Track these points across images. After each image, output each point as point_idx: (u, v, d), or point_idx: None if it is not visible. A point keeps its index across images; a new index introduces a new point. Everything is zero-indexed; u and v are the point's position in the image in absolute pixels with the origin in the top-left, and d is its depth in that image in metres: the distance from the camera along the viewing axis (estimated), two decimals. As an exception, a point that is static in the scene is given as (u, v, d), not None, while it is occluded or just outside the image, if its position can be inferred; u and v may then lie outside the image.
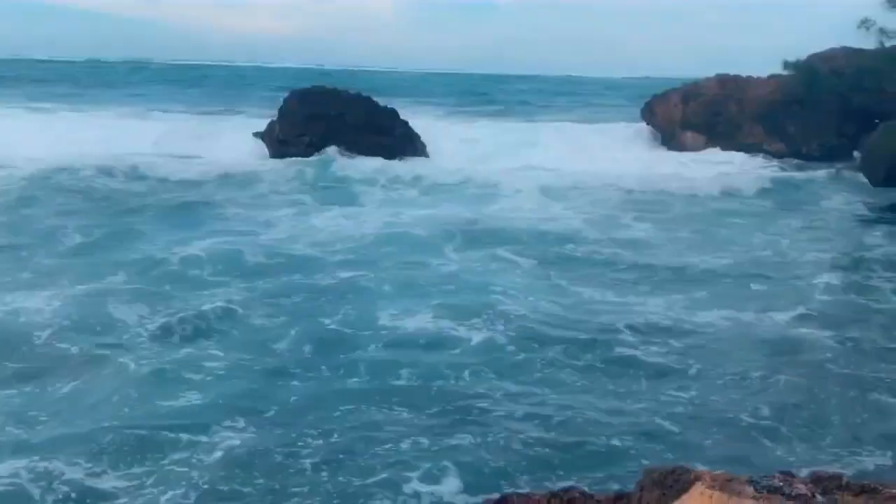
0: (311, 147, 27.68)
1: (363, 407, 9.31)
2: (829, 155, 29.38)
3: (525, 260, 15.88)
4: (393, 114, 29.71)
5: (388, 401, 9.49)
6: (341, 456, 8.19)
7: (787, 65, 31.33)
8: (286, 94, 29.87)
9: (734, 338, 11.98)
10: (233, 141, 29.18)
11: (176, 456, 8.06)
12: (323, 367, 10.41)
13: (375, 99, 30.02)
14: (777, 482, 4.94)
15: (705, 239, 18.22)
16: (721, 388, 10.27)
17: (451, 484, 7.73)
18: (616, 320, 12.33)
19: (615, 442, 8.66)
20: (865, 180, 23.92)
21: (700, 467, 5.08)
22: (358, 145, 27.70)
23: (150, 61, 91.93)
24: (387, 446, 8.40)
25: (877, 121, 26.72)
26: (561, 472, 7.92)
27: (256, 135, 29.36)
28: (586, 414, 9.26)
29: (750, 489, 4.87)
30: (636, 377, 10.49)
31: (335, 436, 8.58)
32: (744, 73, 32.54)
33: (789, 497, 4.78)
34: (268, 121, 29.60)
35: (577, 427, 8.94)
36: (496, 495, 4.97)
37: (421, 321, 12.06)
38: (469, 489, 7.57)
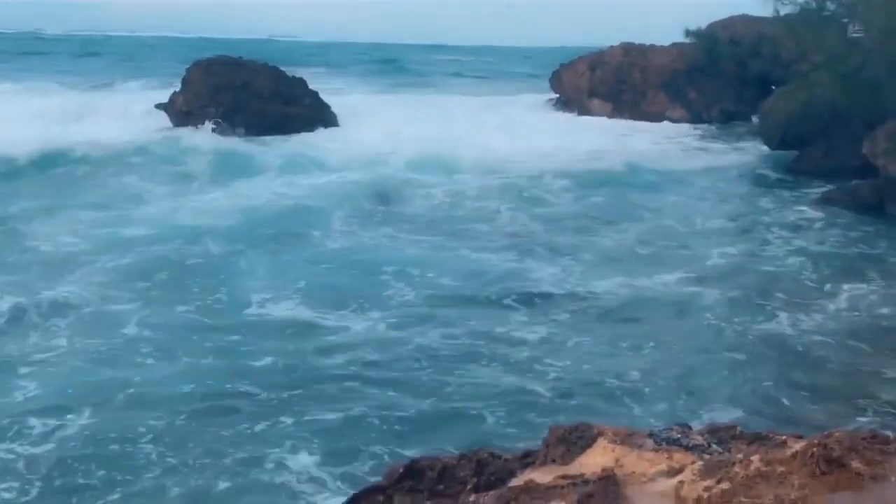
0: (216, 118, 26.95)
1: (216, 388, 9.12)
2: (729, 120, 30.43)
3: (423, 237, 15.78)
4: (301, 83, 29.18)
5: (246, 381, 9.33)
6: (188, 440, 8.05)
7: (688, 33, 32.15)
8: (190, 65, 28.94)
9: (623, 302, 12.33)
10: (132, 112, 28.12)
11: (7, 446, 7.80)
12: (178, 351, 10.14)
13: (283, 69, 29.40)
14: (675, 434, 5.12)
15: (612, 208, 18.59)
16: (598, 353, 10.57)
17: (308, 459, 7.71)
18: (508, 291, 12.47)
19: (486, 412, 8.83)
20: (763, 145, 24.80)
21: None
22: (264, 116, 27.13)
23: (43, 32, 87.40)
24: (244, 426, 8.28)
25: (773, 87, 27.71)
26: (431, 441, 8.05)
27: (159, 106, 28.39)
28: (463, 386, 9.35)
29: (650, 442, 5.03)
30: (520, 347, 10.63)
31: (181, 418, 8.42)
32: (648, 42, 33.19)
33: (686, 447, 4.95)
34: (171, 91, 28.66)
35: (448, 397, 9.04)
36: (405, 461, 4.98)
37: (290, 304, 11.76)
38: (329, 462, 7.57)
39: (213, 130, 26.39)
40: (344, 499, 5.03)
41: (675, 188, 20.77)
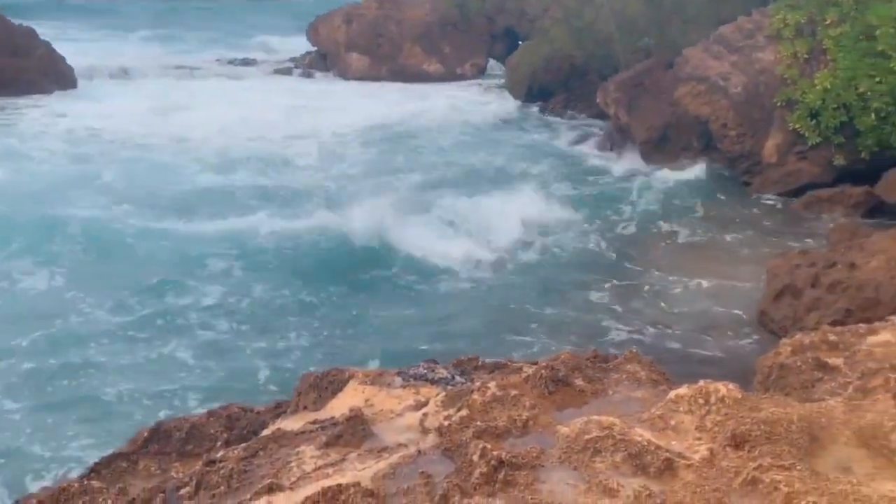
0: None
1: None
2: (481, 74, 31.63)
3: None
4: (30, 33, 26.50)
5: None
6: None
7: (439, -13, 32.78)
8: None
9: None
10: None
11: None
12: None
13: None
14: (422, 370, 5.33)
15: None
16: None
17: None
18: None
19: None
20: (511, 97, 26.03)
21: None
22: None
23: None
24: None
25: (520, 42, 29.10)
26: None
27: None
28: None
29: (399, 379, 5.20)
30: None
31: None
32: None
33: (433, 381, 5.18)
34: None
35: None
36: (148, 425, 4.79)
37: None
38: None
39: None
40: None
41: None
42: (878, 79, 15.46)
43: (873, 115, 15.40)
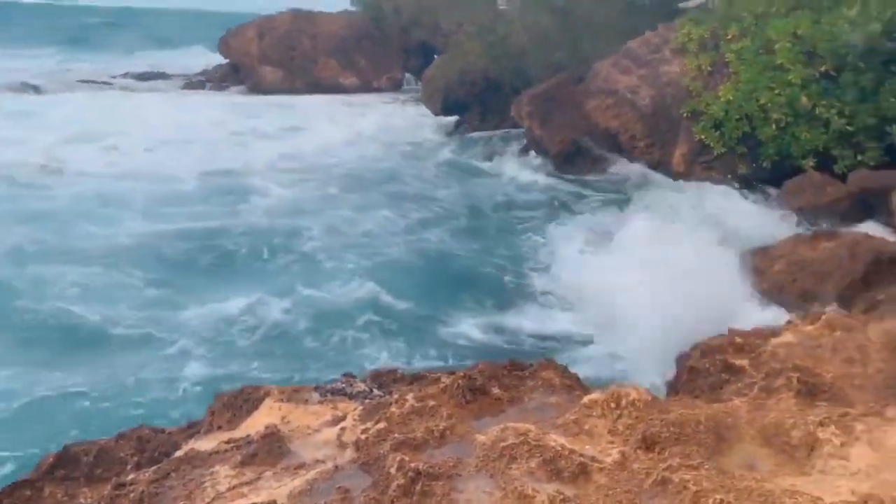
0: None
1: None
2: (398, 87, 31.71)
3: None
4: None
5: None
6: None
7: (354, 1, 32.81)
8: None
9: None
10: None
11: None
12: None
13: None
14: (340, 384, 5.30)
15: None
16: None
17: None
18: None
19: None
20: (427, 111, 26.14)
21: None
22: None
23: None
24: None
25: (435, 56, 29.31)
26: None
27: None
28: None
29: (316, 395, 5.15)
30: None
31: None
32: (316, 8, 33.34)
33: (351, 396, 5.15)
34: None
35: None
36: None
37: None
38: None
39: None
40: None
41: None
42: (777, 91, 16.14)
43: (773, 126, 16.06)
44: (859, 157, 15.09)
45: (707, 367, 5.63)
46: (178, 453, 4.43)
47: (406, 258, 13.89)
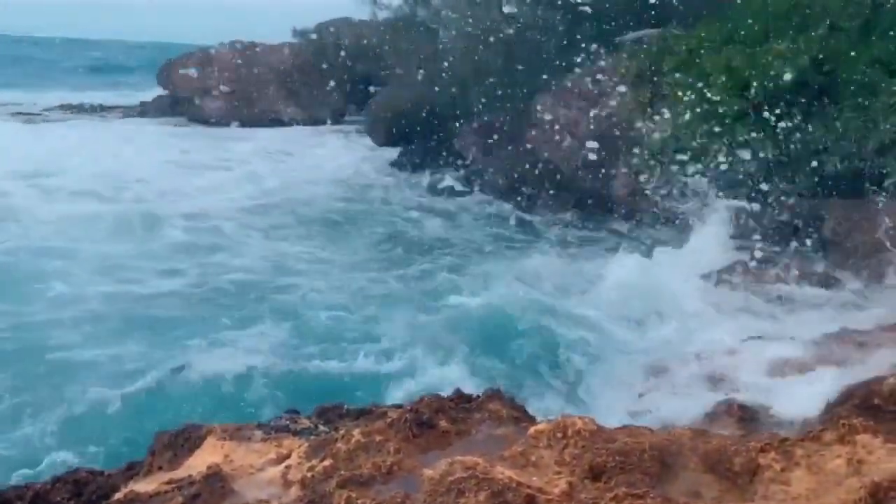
0: None
1: None
2: (341, 119, 31.78)
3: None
4: None
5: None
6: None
7: (295, 33, 32.84)
8: None
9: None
10: None
11: None
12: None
13: None
14: (284, 421, 5.21)
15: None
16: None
17: None
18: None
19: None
20: (371, 142, 26.25)
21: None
22: None
23: None
24: None
25: (378, 88, 29.43)
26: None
27: None
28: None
29: (259, 433, 5.05)
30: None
31: None
32: (259, 38, 33.31)
33: (295, 433, 5.07)
34: None
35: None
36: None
37: None
38: None
39: None
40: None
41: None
42: (713, 123, 16.56)
43: (712, 156, 16.45)
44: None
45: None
46: (118, 496, 4.30)
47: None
